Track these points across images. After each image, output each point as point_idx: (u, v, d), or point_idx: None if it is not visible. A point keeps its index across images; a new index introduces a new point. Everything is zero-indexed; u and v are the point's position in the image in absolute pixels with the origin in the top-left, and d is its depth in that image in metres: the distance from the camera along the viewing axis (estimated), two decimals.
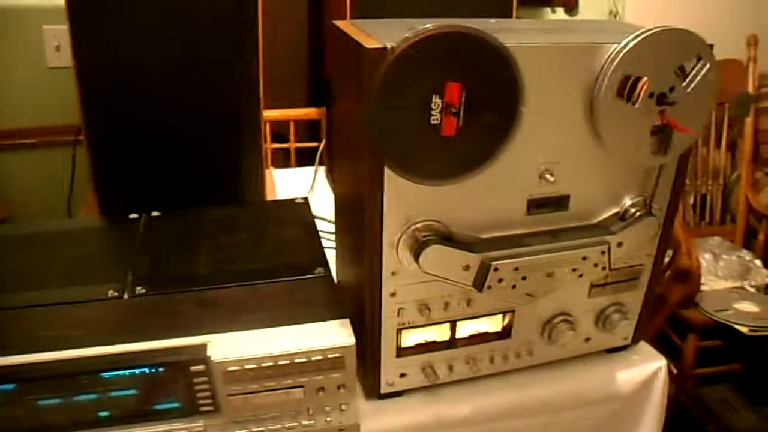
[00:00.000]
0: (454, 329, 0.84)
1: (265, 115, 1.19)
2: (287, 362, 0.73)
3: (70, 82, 1.79)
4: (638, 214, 0.84)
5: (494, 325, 0.86)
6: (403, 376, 0.84)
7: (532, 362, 0.90)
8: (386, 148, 0.69)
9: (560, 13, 2.21)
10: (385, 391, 0.85)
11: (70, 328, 0.78)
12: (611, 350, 0.96)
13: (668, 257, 1.64)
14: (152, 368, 0.73)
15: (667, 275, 1.62)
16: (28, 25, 1.80)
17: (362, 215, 0.75)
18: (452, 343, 0.85)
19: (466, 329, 0.85)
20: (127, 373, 0.72)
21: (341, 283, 0.93)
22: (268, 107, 1.18)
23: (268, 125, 1.58)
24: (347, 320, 0.77)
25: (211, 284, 0.86)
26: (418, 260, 0.74)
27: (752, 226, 2.20)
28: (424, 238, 0.74)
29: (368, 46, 0.66)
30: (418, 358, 0.84)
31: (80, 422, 0.73)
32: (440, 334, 0.84)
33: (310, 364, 0.74)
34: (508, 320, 0.86)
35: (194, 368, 0.73)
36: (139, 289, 0.85)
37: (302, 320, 0.77)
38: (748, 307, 1.79)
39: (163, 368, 0.73)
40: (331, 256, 0.94)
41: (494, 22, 0.81)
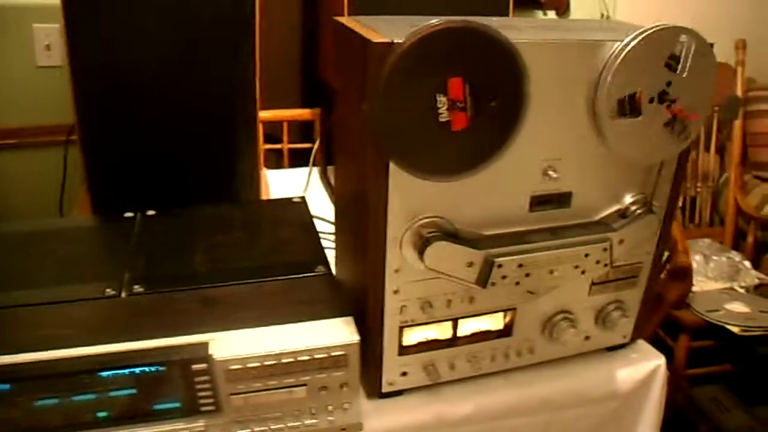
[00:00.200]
0: (455, 327, 0.83)
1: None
2: (290, 360, 0.72)
3: (60, 81, 1.77)
4: (639, 211, 0.84)
5: (496, 323, 0.86)
6: (404, 374, 0.84)
7: (532, 360, 0.90)
8: (392, 144, 0.68)
9: (551, 15, 2.22)
10: (386, 390, 0.84)
11: (66, 327, 0.76)
12: (611, 348, 0.96)
13: (664, 256, 1.64)
14: (152, 367, 0.71)
15: (663, 274, 1.62)
16: (17, 23, 1.78)
17: (366, 212, 0.74)
18: (454, 341, 0.84)
19: (467, 327, 0.84)
20: (126, 372, 0.71)
21: (341, 281, 0.92)
22: (261, 108, 1.17)
23: (261, 126, 1.57)
24: (350, 318, 0.76)
25: (210, 283, 0.84)
26: (422, 257, 0.73)
27: (741, 227, 2.23)
28: (428, 234, 0.74)
29: (375, 40, 0.65)
30: (419, 356, 0.83)
31: (78, 423, 0.72)
32: (442, 332, 0.83)
33: (313, 362, 0.73)
34: (509, 318, 0.86)
35: (196, 367, 0.71)
36: (136, 287, 0.83)
37: (304, 318, 0.76)
38: (738, 307, 1.81)
39: (163, 367, 0.71)
40: (328, 255, 0.94)
41: (496, 20, 0.81)
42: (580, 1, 2.26)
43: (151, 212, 1.04)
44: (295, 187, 1.46)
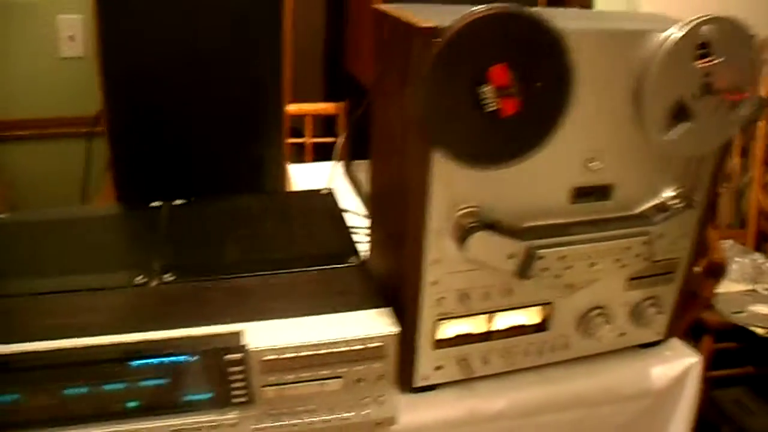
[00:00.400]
0: (491, 321, 0.82)
1: None
2: (327, 351, 0.71)
3: (83, 72, 1.78)
4: (680, 205, 0.82)
5: (531, 317, 0.84)
6: (438, 368, 0.82)
7: (566, 356, 0.88)
8: (438, 132, 0.67)
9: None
10: (419, 384, 0.82)
11: (95, 314, 0.75)
12: (644, 345, 0.95)
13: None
14: (185, 357, 0.70)
15: (696, 270, 1.60)
16: (41, 15, 1.77)
17: (405, 202, 0.73)
18: (489, 335, 0.83)
19: (503, 322, 0.83)
20: (157, 361, 0.69)
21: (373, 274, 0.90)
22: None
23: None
24: (389, 309, 0.75)
25: (241, 272, 0.83)
26: (464, 247, 0.72)
27: (764, 229, 2.20)
28: (470, 224, 0.72)
29: (421, 25, 0.64)
30: (454, 350, 0.82)
31: (107, 412, 0.70)
32: (477, 326, 0.82)
33: (350, 353, 0.71)
34: (545, 313, 0.84)
35: (229, 357, 0.70)
36: (166, 276, 0.82)
37: (340, 309, 0.75)
38: (762, 309, 1.79)
39: (196, 357, 0.70)
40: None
41: (536, 9, 0.79)
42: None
43: (178, 202, 1.03)
44: (317, 181, 1.44)
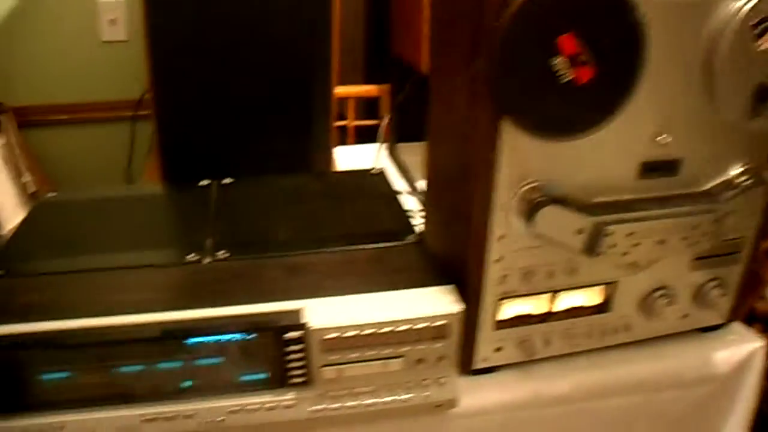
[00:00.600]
0: (554, 301, 0.79)
1: None
2: (390, 330, 0.69)
3: (125, 55, 1.77)
4: (749, 182, 0.79)
5: (593, 298, 0.81)
6: (498, 350, 0.80)
7: (628, 338, 0.86)
8: (510, 102, 0.64)
9: None
10: (479, 366, 0.80)
11: (150, 291, 0.74)
12: (705, 329, 0.91)
13: None
14: (242, 335, 0.68)
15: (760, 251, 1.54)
16: None
17: (469, 179, 0.71)
18: (549, 316, 0.80)
19: (564, 302, 0.80)
20: (213, 339, 0.68)
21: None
22: None
23: None
24: (452, 286, 0.72)
25: (296, 250, 0.81)
26: (531, 222, 0.69)
27: None
28: (538, 199, 0.70)
29: None
30: (515, 330, 0.79)
31: (161, 392, 0.69)
32: (538, 306, 0.79)
33: (413, 332, 0.69)
34: (607, 293, 0.81)
35: (288, 335, 0.68)
36: (220, 253, 0.81)
37: (401, 286, 0.73)
38: None
39: (253, 335, 0.68)
40: None
41: None
42: None
43: (227, 180, 1.02)
44: (360, 163, 1.43)
